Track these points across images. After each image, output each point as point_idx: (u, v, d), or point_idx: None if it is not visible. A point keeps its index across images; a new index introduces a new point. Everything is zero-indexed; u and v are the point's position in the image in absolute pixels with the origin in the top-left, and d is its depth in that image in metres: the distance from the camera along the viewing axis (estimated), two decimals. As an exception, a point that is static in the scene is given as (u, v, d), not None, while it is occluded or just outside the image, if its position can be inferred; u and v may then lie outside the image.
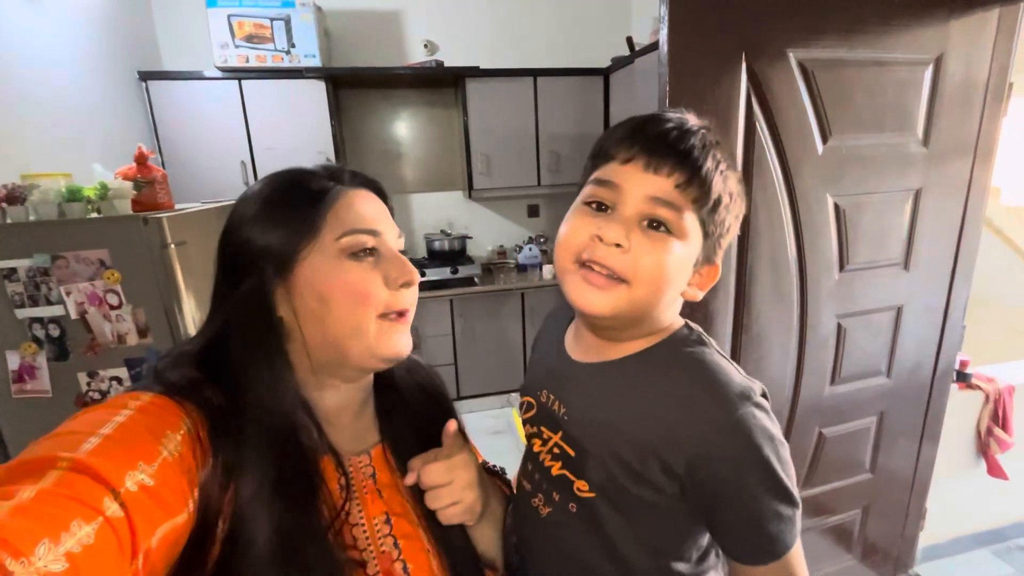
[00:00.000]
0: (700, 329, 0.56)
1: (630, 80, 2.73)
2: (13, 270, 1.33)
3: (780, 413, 1.38)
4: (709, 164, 0.47)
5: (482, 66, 2.82)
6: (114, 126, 2.26)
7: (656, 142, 0.47)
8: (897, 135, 1.28)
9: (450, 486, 0.55)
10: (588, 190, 0.51)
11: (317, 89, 2.68)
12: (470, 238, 3.27)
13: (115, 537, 0.33)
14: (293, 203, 0.51)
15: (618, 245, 0.46)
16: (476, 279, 2.99)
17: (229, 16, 2.47)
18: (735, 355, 1.28)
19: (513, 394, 3.10)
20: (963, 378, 1.72)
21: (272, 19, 2.52)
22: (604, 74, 2.98)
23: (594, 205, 0.50)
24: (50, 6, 1.89)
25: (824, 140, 1.22)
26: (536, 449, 0.59)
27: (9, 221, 1.34)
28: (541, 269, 3.10)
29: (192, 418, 0.44)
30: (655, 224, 0.47)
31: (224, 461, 0.43)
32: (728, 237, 0.52)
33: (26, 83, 1.73)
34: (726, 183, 0.49)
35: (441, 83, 3.06)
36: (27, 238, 1.33)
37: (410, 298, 0.54)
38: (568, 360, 0.58)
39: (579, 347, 0.58)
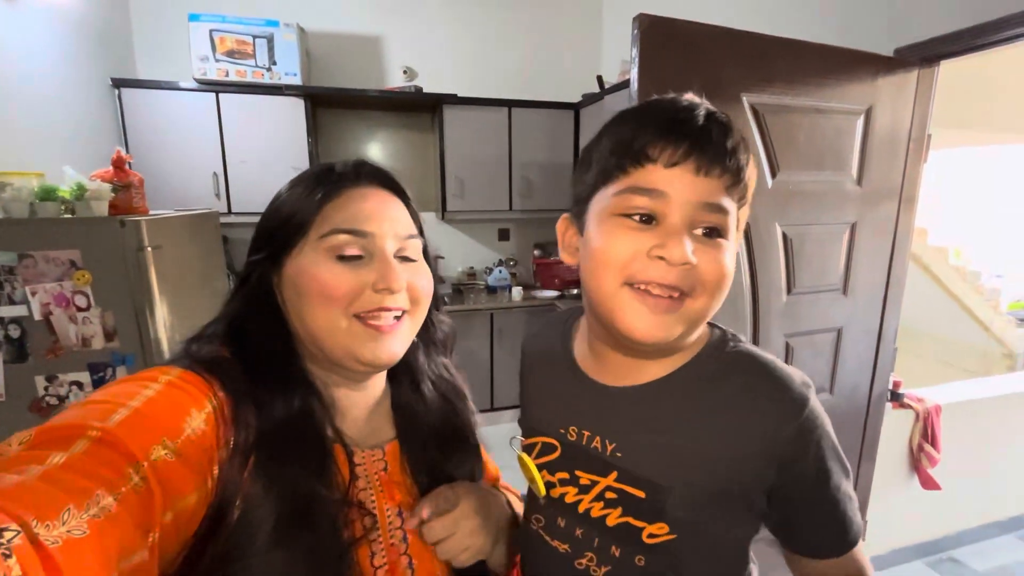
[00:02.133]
0: (725, 328, 0.52)
1: (599, 115, 2.90)
2: (-24, 267, 1.29)
3: (735, 425, 1.48)
4: (745, 157, 0.44)
5: (460, 94, 2.94)
6: (83, 130, 2.23)
7: (705, 141, 0.42)
8: (835, 174, 1.44)
9: (455, 537, 0.53)
10: (625, 201, 0.44)
11: (296, 106, 2.71)
12: (441, 258, 3.32)
13: (135, 509, 0.34)
14: (296, 198, 0.54)
15: (687, 263, 0.42)
16: (446, 299, 3.03)
17: (211, 31, 2.50)
18: (695, 369, 1.38)
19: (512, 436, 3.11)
20: (896, 398, 1.88)
21: (255, 36, 2.56)
22: (575, 108, 3.15)
23: (637, 217, 0.44)
24: (28, 6, 1.88)
25: (773, 175, 1.36)
26: (571, 500, 0.51)
27: (-24, 217, 1.32)
28: (510, 291, 3.17)
29: (218, 397, 0.45)
30: (711, 230, 0.44)
31: (243, 440, 0.44)
32: (747, 215, 0.49)
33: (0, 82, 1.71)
34: (754, 174, 0.47)
35: (419, 108, 3.15)
36: (-6, 235, 1.30)
37: (391, 302, 0.52)
38: (598, 387, 0.51)
39: (606, 370, 0.51)
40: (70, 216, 1.39)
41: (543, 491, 0.53)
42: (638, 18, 1.14)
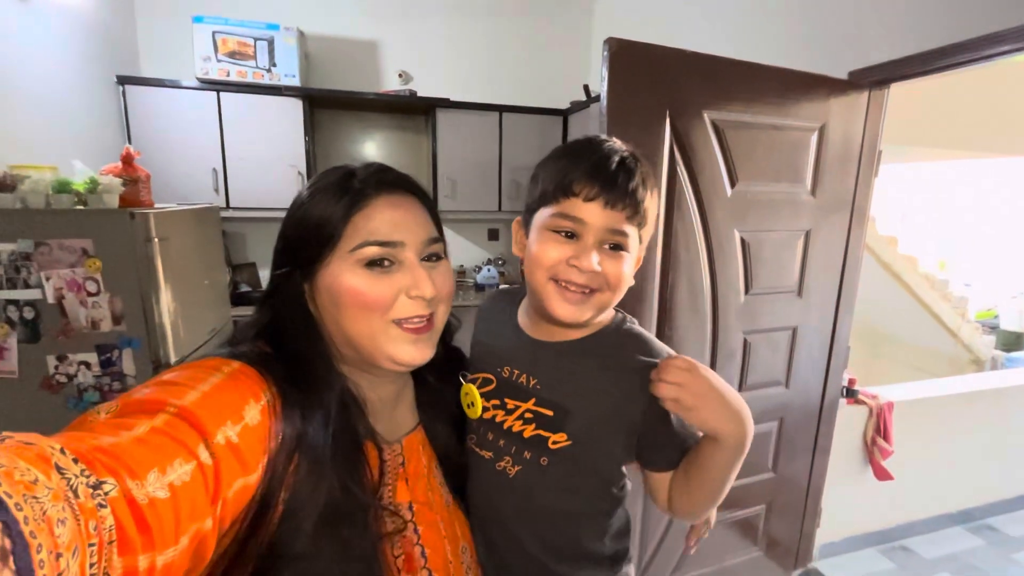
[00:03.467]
0: (626, 314, 0.71)
1: (586, 122, 3.03)
2: (-5, 253, 1.40)
3: (695, 414, 1.60)
4: (646, 193, 0.61)
5: (453, 98, 3.06)
6: (89, 126, 2.32)
7: (612, 184, 0.58)
8: (790, 185, 1.57)
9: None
10: (556, 222, 0.60)
11: (294, 107, 2.82)
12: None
13: (204, 480, 0.38)
14: (322, 208, 0.55)
15: (595, 272, 0.59)
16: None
17: (214, 32, 2.60)
18: (658, 360, 1.50)
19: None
20: (851, 394, 2.01)
21: (256, 39, 2.67)
22: (563, 115, 3.28)
23: (563, 234, 0.60)
24: (39, 5, 1.98)
25: (732, 185, 1.49)
26: (499, 419, 0.66)
27: (-3, 207, 1.42)
28: (497, 287, 3.29)
29: (271, 392, 0.48)
30: (614, 246, 0.60)
31: (292, 434, 0.48)
32: (652, 232, 0.66)
33: (9, 78, 1.81)
34: (653, 202, 0.63)
35: (413, 111, 3.27)
36: (12, 224, 1.41)
37: (423, 309, 0.56)
38: (531, 340, 0.68)
39: (538, 331, 0.68)
40: (83, 208, 1.50)
41: (479, 412, 0.68)
42: (608, 42, 1.27)
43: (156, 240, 1.50)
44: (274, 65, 2.72)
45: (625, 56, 1.29)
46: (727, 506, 1.76)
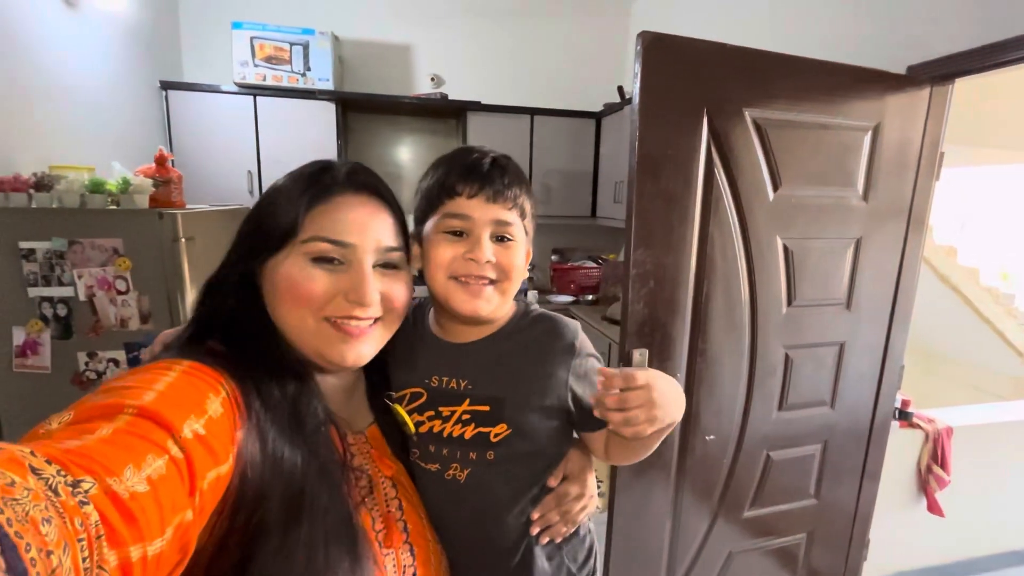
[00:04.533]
0: (525, 300, 0.75)
1: (620, 125, 2.95)
2: (32, 251, 1.43)
3: (729, 433, 1.50)
4: (522, 188, 0.66)
5: (484, 101, 3.03)
6: (132, 129, 2.40)
7: (490, 180, 0.63)
8: (840, 190, 1.45)
9: (583, 497, 0.70)
10: (445, 222, 0.63)
11: (327, 110, 2.85)
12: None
13: (179, 473, 0.38)
14: (288, 199, 0.55)
15: (489, 261, 0.63)
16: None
17: (252, 38, 2.66)
18: (690, 375, 1.41)
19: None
20: (904, 416, 1.85)
21: (292, 44, 2.71)
22: (596, 118, 3.20)
23: (451, 233, 0.64)
24: (89, 13, 2.05)
25: (775, 189, 1.38)
26: (437, 429, 0.67)
27: (34, 206, 1.46)
28: (526, 294, 3.23)
29: (228, 385, 0.48)
30: (501, 237, 0.65)
31: (255, 421, 0.48)
32: (533, 226, 0.70)
33: (59, 81, 1.88)
34: (529, 195, 0.68)
35: (444, 114, 3.26)
36: (48, 223, 1.44)
37: (361, 312, 0.55)
38: (448, 345, 0.69)
39: (452, 334, 0.70)
40: (115, 207, 1.53)
41: (412, 429, 0.68)
42: (641, 35, 1.19)
43: (183, 240, 1.51)
44: (308, 69, 2.75)
45: (660, 51, 1.21)
46: (764, 533, 1.64)
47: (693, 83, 1.26)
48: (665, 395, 0.56)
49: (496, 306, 0.66)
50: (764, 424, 1.53)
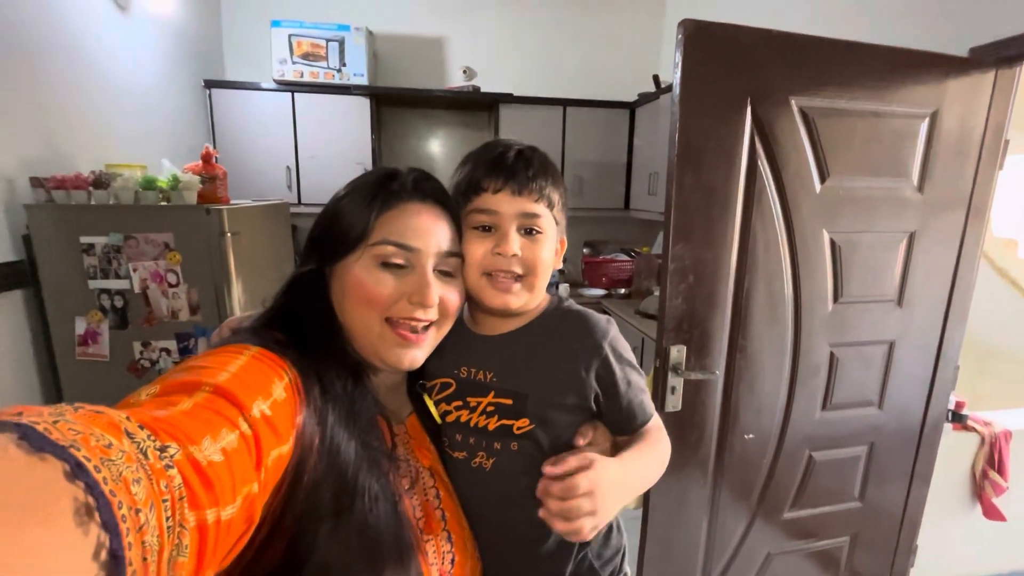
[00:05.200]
0: (559, 294, 0.76)
1: (654, 115, 2.88)
2: (92, 245, 1.51)
3: (770, 432, 1.46)
4: (548, 179, 0.66)
5: (516, 93, 3.01)
6: (179, 128, 2.50)
7: (514, 173, 0.64)
8: (892, 180, 1.39)
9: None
10: (473, 218, 0.65)
11: (362, 105, 2.89)
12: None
13: (248, 448, 0.40)
14: (356, 205, 0.58)
15: (515, 255, 0.64)
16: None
17: (290, 35, 2.71)
18: (729, 372, 1.38)
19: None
20: (958, 419, 1.76)
21: (328, 40, 2.76)
22: (630, 108, 3.14)
23: (480, 228, 0.65)
24: (136, 16, 2.14)
25: (822, 180, 1.33)
26: (464, 419, 0.68)
27: (93, 203, 1.54)
28: (557, 288, 3.22)
29: (291, 372, 0.50)
30: (529, 230, 0.65)
31: (314, 409, 0.50)
32: (565, 216, 0.70)
33: (111, 83, 1.97)
34: (558, 185, 0.68)
35: (476, 107, 3.25)
36: (106, 218, 1.52)
37: (422, 314, 0.58)
38: (479, 337, 0.70)
39: (483, 326, 0.71)
40: (166, 204, 1.59)
41: (438, 418, 0.70)
42: (682, 23, 1.16)
43: (228, 235, 1.57)
44: (344, 65, 2.79)
45: (701, 39, 1.18)
46: (805, 535, 1.59)
47: (736, 72, 1.22)
48: (607, 497, 0.58)
49: (525, 300, 0.66)
50: (806, 424, 1.48)
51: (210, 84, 2.72)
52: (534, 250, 0.65)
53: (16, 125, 1.53)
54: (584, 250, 3.52)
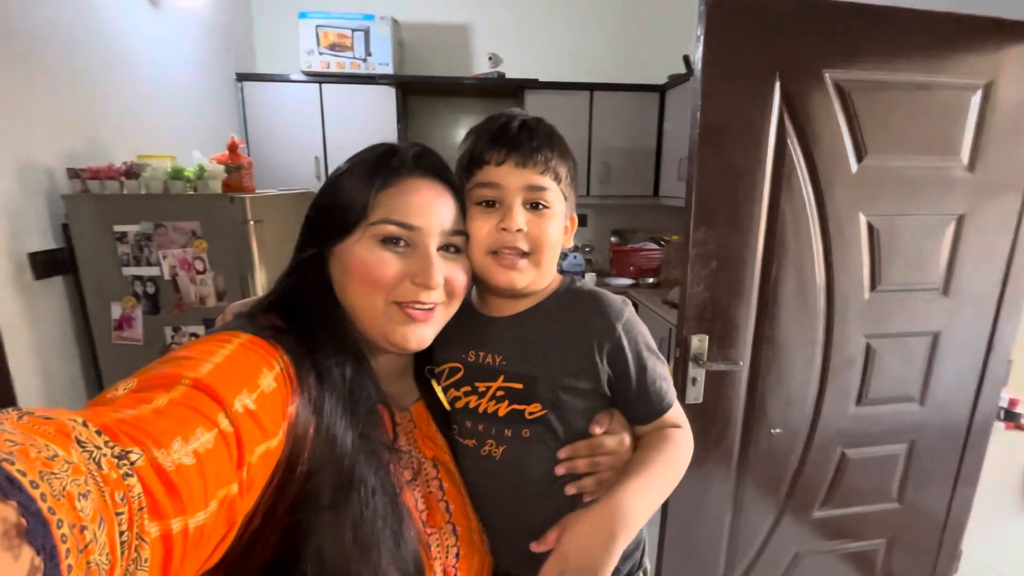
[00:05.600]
0: (573, 276, 0.72)
1: (685, 97, 2.77)
2: (124, 234, 1.57)
3: (799, 428, 1.39)
4: (555, 150, 0.62)
5: (541, 79, 2.95)
6: (212, 119, 2.57)
7: (518, 145, 0.61)
8: (940, 159, 1.28)
9: (617, 456, 0.65)
10: (477, 192, 0.62)
11: (388, 94, 2.90)
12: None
13: (227, 447, 0.38)
14: (355, 183, 0.56)
15: (520, 230, 0.61)
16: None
17: (317, 27, 2.74)
18: (755, 363, 1.32)
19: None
20: (1012, 417, 1.63)
21: (354, 30, 2.77)
22: (660, 91, 3.04)
23: (484, 204, 0.62)
24: (169, 11, 2.20)
25: (859, 159, 1.24)
26: (473, 405, 0.66)
27: (126, 192, 1.60)
28: (583, 277, 3.17)
29: (283, 360, 0.48)
30: (535, 204, 0.62)
31: (308, 397, 0.48)
32: (574, 192, 0.67)
33: (146, 76, 2.03)
34: (565, 157, 0.64)
35: (502, 93, 3.22)
36: (137, 207, 1.58)
37: (427, 297, 0.56)
38: (488, 318, 0.68)
39: (492, 307, 0.69)
40: (193, 192, 1.64)
41: (447, 404, 0.68)
42: (705, -7, 1.10)
43: (251, 222, 1.60)
44: (369, 55, 2.80)
45: (726, 10, 1.11)
46: (837, 535, 1.52)
47: (764, 45, 1.15)
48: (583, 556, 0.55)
49: (532, 279, 0.64)
50: (839, 419, 1.40)
51: (242, 77, 2.78)
52: (541, 225, 0.62)
53: (56, 119, 1.60)
54: (612, 239, 3.45)
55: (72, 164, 1.60)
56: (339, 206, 0.56)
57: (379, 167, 0.57)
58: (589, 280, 3.12)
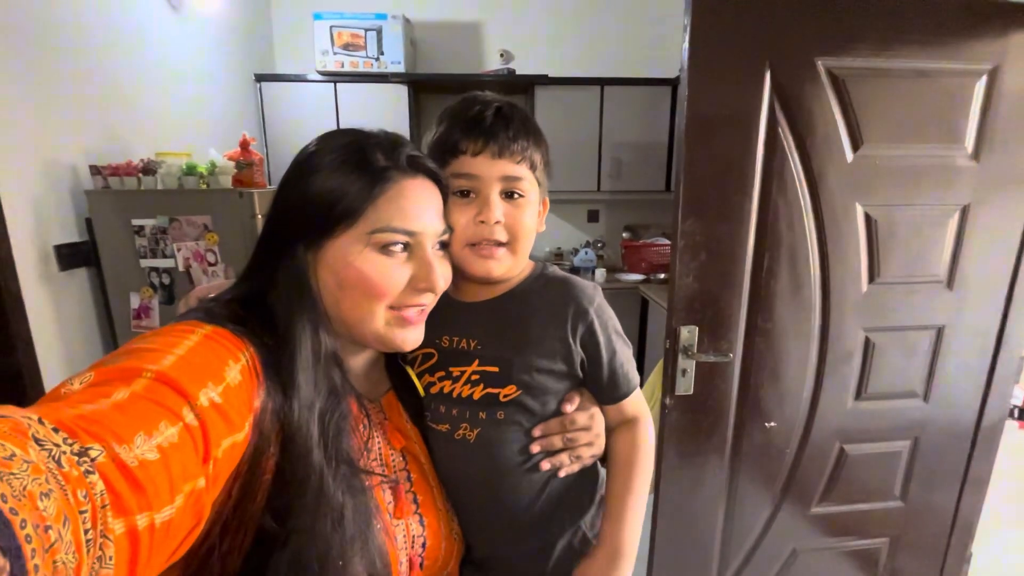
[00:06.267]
0: (546, 262, 0.74)
1: (697, 90, 2.74)
2: (142, 227, 1.66)
3: (794, 422, 1.37)
4: (530, 139, 0.63)
5: (552, 74, 2.96)
6: (232, 119, 2.66)
7: (494, 134, 0.60)
8: (942, 147, 1.25)
9: (589, 431, 0.67)
10: (452, 183, 0.61)
11: (400, 93, 2.95)
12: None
13: (192, 441, 0.38)
14: (338, 182, 0.51)
15: (498, 222, 0.62)
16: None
17: (331, 27, 2.81)
18: (748, 356, 1.31)
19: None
20: (1026, 416, 1.58)
21: (366, 29, 2.83)
22: (672, 84, 3.01)
23: (459, 193, 0.62)
24: (189, 14, 2.29)
25: (855, 149, 1.22)
26: (448, 390, 0.66)
27: (143, 188, 1.68)
28: (594, 273, 3.16)
29: (248, 352, 0.47)
30: (511, 194, 0.63)
31: (275, 394, 0.47)
32: (548, 176, 0.68)
33: (166, 77, 2.13)
34: (540, 145, 0.65)
35: (513, 90, 3.23)
36: (154, 202, 1.66)
37: (426, 300, 0.57)
38: (462, 304, 0.68)
39: (466, 292, 0.69)
40: (205, 188, 1.71)
41: (422, 391, 0.69)
42: (690, -18, 1.09)
43: (259, 216, 1.66)
44: (382, 53, 2.86)
45: (713, -2, 1.10)
46: (837, 532, 1.50)
47: (753, 33, 1.14)
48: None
49: (509, 266, 0.65)
50: (837, 415, 1.38)
51: (260, 78, 2.88)
52: (516, 216, 0.63)
53: (80, 119, 1.70)
54: (624, 234, 3.43)
55: (95, 161, 1.69)
56: (322, 204, 0.51)
57: (366, 165, 0.52)
58: (600, 276, 3.11)
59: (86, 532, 0.28)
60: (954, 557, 1.57)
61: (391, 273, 0.53)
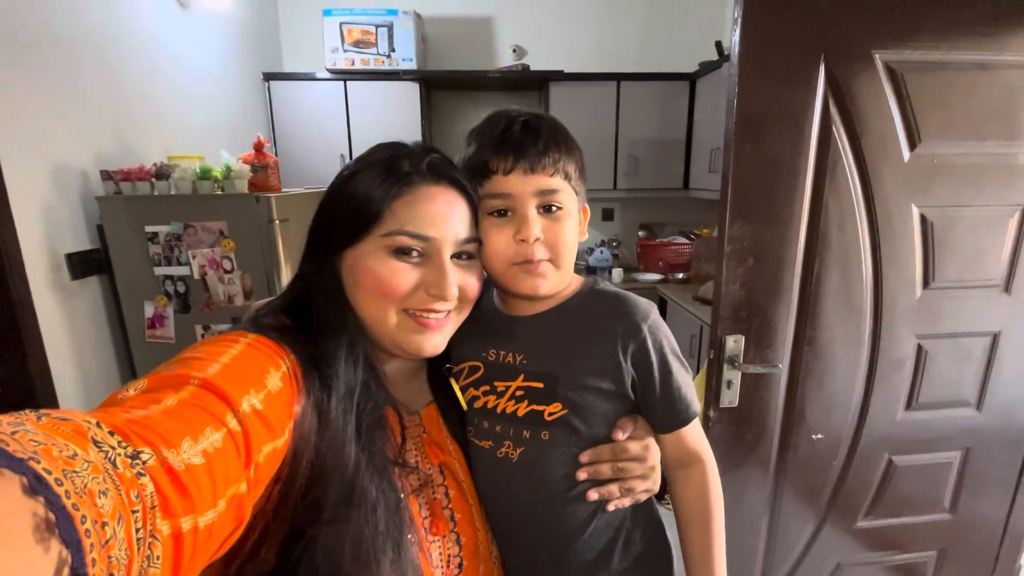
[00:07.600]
0: (597, 277, 0.72)
1: (717, 86, 2.67)
2: (155, 234, 1.60)
3: (842, 433, 1.31)
4: (562, 148, 0.61)
5: (567, 70, 2.89)
6: (240, 119, 2.60)
7: (523, 150, 0.59)
8: (1002, 144, 1.18)
9: (644, 463, 0.63)
10: (487, 203, 0.60)
11: (411, 90, 2.89)
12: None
13: (236, 447, 0.39)
14: (367, 188, 0.54)
15: (538, 239, 0.60)
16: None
17: (341, 24, 2.75)
18: (794, 365, 1.25)
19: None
20: (1080, 424, 1.51)
21: (377, 26, 2.76)
22: (690, 79, 2.93)
23: (496, 214, 0.61)
24: (198, 12, 2.23)
25: (912, 147, 1.15)
26: (491, 405, 0.65)
27: (156, 193, 1.62)
28: (610, 272, 3.10)
29: (289, 360, 0.48)
30: (548, 207, 0.61)
31: (314, 399, 0.49)
32: (584, 183, 0.65)
33: (175, 78, 2.07)
34: (572, 153, 0.62)
35: (526, 86, 3.17)
36: (167, 208, 1.60)
37: (441, 306, 0.56)
38: (509, 318, 0.67)
39: (514, 306, 0.68)
40: (220, 192, 1.65)
41: (464, 404, 0.67)
42: (742, -28, 1.03)
43: (277, 221, 1.60)
44: (393, 50, 2.79)
45: (766, -11, 1.04)
46: (883, 546, 1.44)
47: (807, 25, 1.07)
48: None
49: (555, 282, 0.63)
50: (886, 424, 1.32)
51: (269, 77, 2.82)
52: (556, 230, 0.61)
53: (89, 122, 1.64)
54: (640, 233, 3.37)
55: (105, 166, 1.63)
56: (350, 211, 0.55)
57: (390, 172, 0.55)
58: (616, 276, 3.05)
59: (137, 531, 0.30)
60: (1003, 569, 1.51)
61: (399, 274, 0.54)
